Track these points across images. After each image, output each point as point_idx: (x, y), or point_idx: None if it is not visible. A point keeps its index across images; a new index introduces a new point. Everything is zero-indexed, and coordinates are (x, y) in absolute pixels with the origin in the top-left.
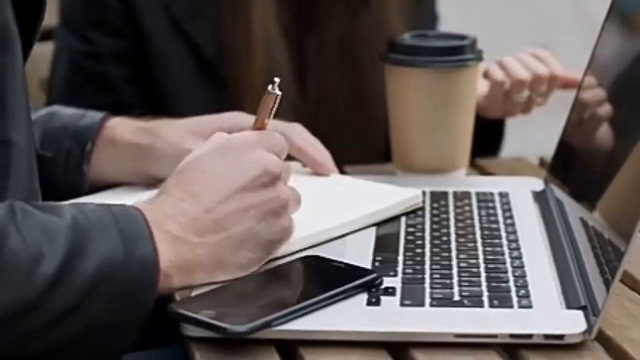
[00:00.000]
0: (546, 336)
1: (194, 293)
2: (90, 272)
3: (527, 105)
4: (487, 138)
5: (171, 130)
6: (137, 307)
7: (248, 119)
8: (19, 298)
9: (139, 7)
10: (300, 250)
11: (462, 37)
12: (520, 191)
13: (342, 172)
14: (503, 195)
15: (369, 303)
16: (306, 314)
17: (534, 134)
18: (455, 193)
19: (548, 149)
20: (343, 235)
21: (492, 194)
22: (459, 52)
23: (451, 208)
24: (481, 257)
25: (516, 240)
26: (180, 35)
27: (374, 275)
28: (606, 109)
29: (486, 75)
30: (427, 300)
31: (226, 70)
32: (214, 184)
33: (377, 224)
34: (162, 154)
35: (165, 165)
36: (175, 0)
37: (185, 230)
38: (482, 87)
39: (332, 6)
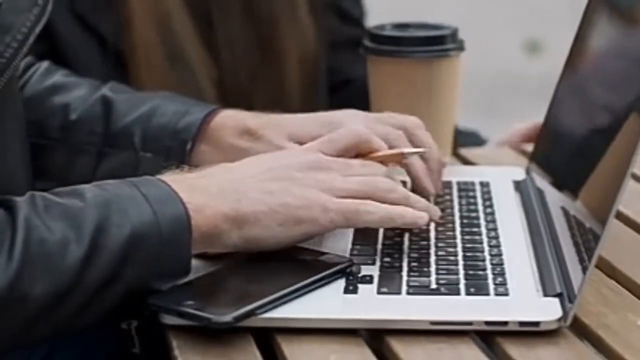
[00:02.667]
0: (521, 323)
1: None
2: (121, 243)
3: None
4: None
5: (272, 134)
6: (175, 263)
7: (361, 128)
8: (54, 285)
9: None
10: None
11: (443, 27)
12: (501, 180)
13: None
14: (484, 185)
15: (347, 291)
16: (288, 301)
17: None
18: None
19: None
20: None
21: (473, 183)
22: (440, 42)
23: (432, 197)
24: (459, 245)
25: (495, 229)
26: (87, 29)
27: (349, 261)
28: (587, 99)
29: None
30: (404, 288)
31: (125, 52)
32: (252, 162)
33: None
34: None
35: None
36: None
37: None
38: None
39: None
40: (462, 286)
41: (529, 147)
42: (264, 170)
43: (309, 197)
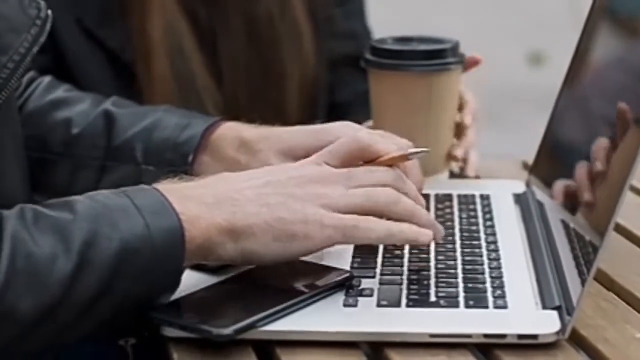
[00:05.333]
0: (520, 336)
1: (172, 298)
2: (111, 257)
3: None
4: None
5: (268, 149)
6: (167, 276)
7: (371, 142)
8: (41, 299)
9: (53, 22)
10: None
11: (443, 41)
12: (502, 193)
13: None
14: (484, 198)
15: (346, 304)
16: (288, 314)
17: (517, 137)
18: (437, 195)
19: (530, 151)
20: None
21: (473, 196)
22: (440, 56)
23: (432, 210)
24: (459, 258)
25: (495, 242)
26: (95, 43)
27: (349, 274)
28: (587, 111)
29: None
30: (404, 300)
31: (137, 72)
32: (250, 174)
33: None
34: None
35: None
36: (87, 10)
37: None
38: None
39: None
40: (461, 299)
41: (530, 160)
42: (262, 183)
43: (306, 212)
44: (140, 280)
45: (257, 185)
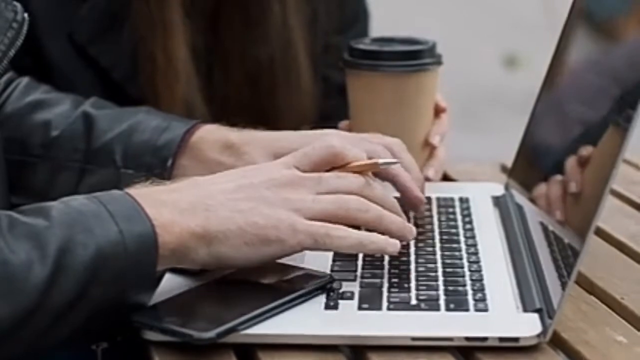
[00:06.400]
0: (501, 339)
1: (153, 301)
2: (87, 262)
3: None
4: None
5: (255, 151)
6: (141, 281)
7: (335, 142)
8: (17, 306)
9: (41, 38)
10: None
11: (421, 42)
12: (481, 196)
13: None
14: (463, 201)
15: (327, 307)
16: (269, 317)
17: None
18: None
19: (509, 154)
20: None
21: (452, 199)
22: (418, 57)
23: (411, 213)
24: (439, 261)
25: (475, 245)
26: (86, 61)
27: (329, 277)
28: (565, 114)
29: None
30: (385, 304)
31: (144, 100)
32: (222, 178)
33: None
34: None
35: None
36: (79, 27)
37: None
38: None
39: (233, 23)
40: (442, 302)
41: (509, 163)
42: (234, 188)
43: (278, 217)
44: (115, 285)
45: (229, 190)
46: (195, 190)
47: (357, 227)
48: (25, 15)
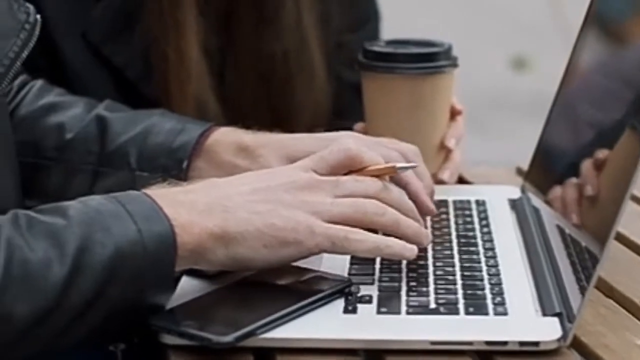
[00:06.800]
0: (521, 343)
1: (171, 305)
2: (105, 262)
3: None
4: None
5: (270, 154)
6: (159, 281)
7: (352, 145)
8: (36, 305)
9: (55, 37)
10: None
11: (437, 44)
12: (497, 199)
13: None
14: (480, 204)
15: (346, 311)
16: (288, 321)
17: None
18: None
19: (526, 157)
20: None
21: (469, 202)
22: (434, 59)
23: (428, 216)
24: (457, 264)
25: (492, 248)
26: (100, 60)
27: (348, 281)
28: (582, 118)
29: None
30: (404, 308)
31: (158, 99)
32: (239, 180)
33: None
34: None
35: None
36: (93, 26)
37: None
38: None
39: (246, 21)
40: (461, 306)
41: (523, 166)
42: (252, 190)
43: (297, 220)
44: (133, 284)
45: (246, 192)
46: (212, 192)
47: (374, 232)
48: (38, 16)
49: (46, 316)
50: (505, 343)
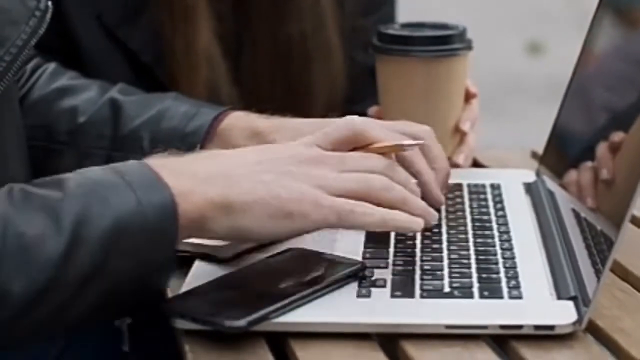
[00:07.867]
0: (536, 327)
1: (183, 290)
2: (103, 234)
3: None
4: None
5: (283, 139)
6: (162, 252)
7: (356, 121)
8: (35, 280)
9: (70, 19)
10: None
11: (451, 27)
12: (512, 183)
13: None
14: (495, 187)
15: (360, 295)
16: (301, 305)
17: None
18: None
19: (540, 140)
20: None
21: (483, 185)
22: (449, 42)
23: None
24: (472, 248)
25: (507, 232)
26: (115, 43)
27: (361, 264)
28: (597, 101)
29: None
30: (418, 291)
31: (169, 83)
32: (243, 151)
33: None
34: None
35: None
36: (107, 8)
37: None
38: None
39: (262, 3)
40: (475, 289)
41: (537, 149)
42: (257, 161)
43: (302, 191)
44: (134, 257)
45: (250, 162)
46: (215, 162)
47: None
48: (49, 3)
49: (44, 292)
50: (520, 327)
